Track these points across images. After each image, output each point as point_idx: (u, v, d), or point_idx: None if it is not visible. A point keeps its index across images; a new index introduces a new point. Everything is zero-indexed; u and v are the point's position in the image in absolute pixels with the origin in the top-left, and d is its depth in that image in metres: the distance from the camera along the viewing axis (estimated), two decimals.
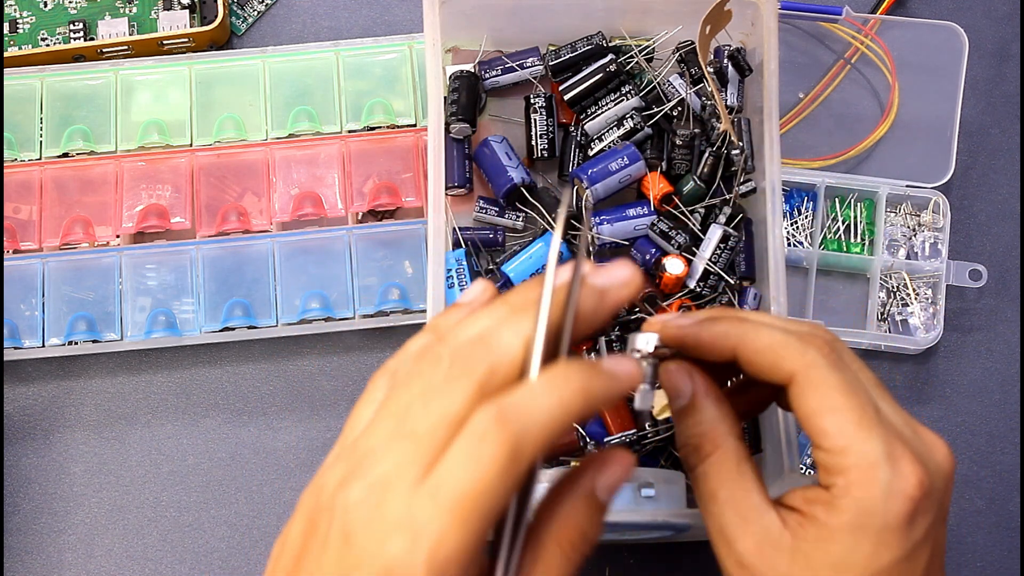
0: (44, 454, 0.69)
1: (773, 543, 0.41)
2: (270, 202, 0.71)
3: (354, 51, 0.73)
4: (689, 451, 0.43)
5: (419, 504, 0.36)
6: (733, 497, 0.42)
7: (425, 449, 0.37)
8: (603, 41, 0.66)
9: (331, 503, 0.38)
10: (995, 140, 0.76)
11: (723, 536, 0.42)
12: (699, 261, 0.63)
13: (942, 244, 0.72)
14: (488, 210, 0.65)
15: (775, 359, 0.42)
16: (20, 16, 0.75)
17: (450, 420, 0.37)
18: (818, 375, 0.41)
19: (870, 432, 0.40)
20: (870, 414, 0.41)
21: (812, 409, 0.41)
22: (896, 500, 0.40)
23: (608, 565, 0.67)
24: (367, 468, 0.37)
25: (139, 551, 0.68)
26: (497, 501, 0.36)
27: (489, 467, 0.36)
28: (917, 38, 0.75)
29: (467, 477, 0.36)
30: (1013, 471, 0.70)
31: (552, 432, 0.36)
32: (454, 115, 0.64)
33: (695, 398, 0.42)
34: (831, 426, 0.40)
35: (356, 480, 0.37)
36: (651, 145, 0.65)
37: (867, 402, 0.41)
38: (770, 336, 0.42)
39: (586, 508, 0.39)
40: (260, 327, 0.69)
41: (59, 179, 0.71)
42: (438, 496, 0.36)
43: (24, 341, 0.68)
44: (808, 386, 0.41)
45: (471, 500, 0.35)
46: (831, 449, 0.40)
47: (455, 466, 0.36)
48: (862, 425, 0.40)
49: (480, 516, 0.36)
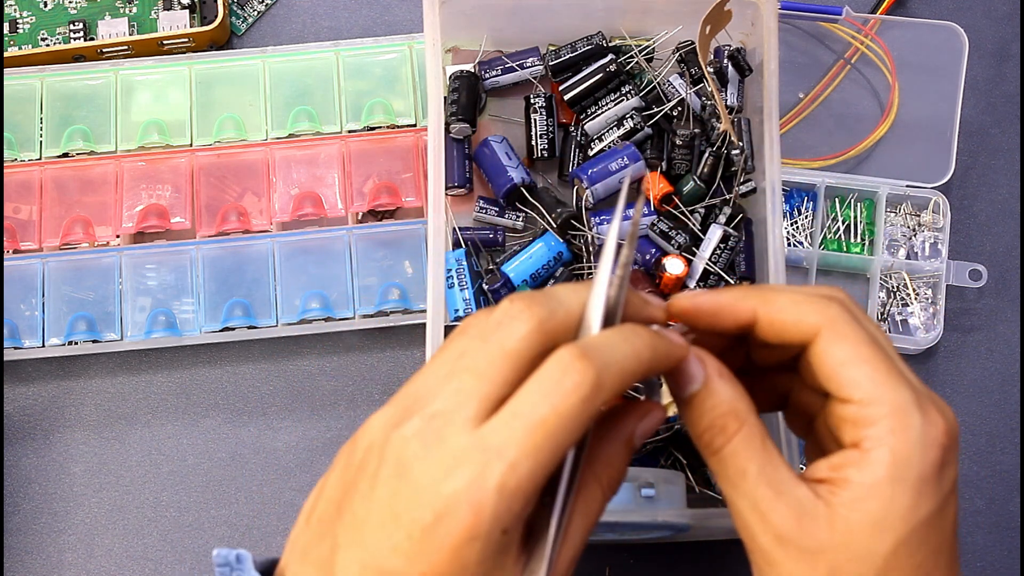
0: (44, 454, 0.69)
1: (809, 513, 0.40)
2: (270, 202, 0.71)
3: (354, 51, 0.73)
4: (713, 434, 0.41)
5: (491, 431, 0.36)
6: (764, 472, 0.40)
7: (486, 382, 0.37)
8: (603, 41, 0.66)
9: (382, 441, 0.37)
10: (995, 140, 0.76)
11: (757, 511, 0.40)
12: (699, 261, 0.63)
13: (942, 244, 0.72)
14: (488, 210, 0.65)
15: (798, 315, 0.41)
16: (20, 16, 0.75)
17: (509, 352, 0.37)
18: (844, 327, 0.41)
19: (899, 381, 0.40)
20: (897, 365, 0.41)
21: (840, 360, 0.40)
22: (930, 448, 0.39)
23: (608, 565, 0.67)
24: (422, 405, 0.38)
25: (139, 551, 0.68)
26: (572, 434, 0.36)
27: (572, 396, 0.36)
28: (917, 38, 0.75)
29: (548, 404, 0.36)
30: (1013, 471, 0.70)
31: (628, 376, 0.38)
32: (454, 115, 0.64)
33: (710, 381, 0.41)
34: (862, 376, 0.40)
35: (410, 417, 0.37)
36: (651, 145, 0.66)
37: (889, 356, 0.41)
38: (791, 295, 0.42)
39: (623, 450, 0.41)
40: (260, 327, 0.69)
41: (59, 179, 0.71)
42: (514, 422, 0.36)
43: (24, 341, 0.68)
44: (835, 338, 0.41)
45: (550, 427, 0.36)
46: (861, 400, 0.40)
47: (534, 394, 0.36)
48: (891, 374, 0.40)
49: (555, 446, 0.36)
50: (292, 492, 0.68)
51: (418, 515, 0.36)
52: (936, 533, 0.40)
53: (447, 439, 0.36)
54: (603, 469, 0.40)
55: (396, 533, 0.36)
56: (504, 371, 0.37)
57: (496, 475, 0.35)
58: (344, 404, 0.70)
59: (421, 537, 0.36)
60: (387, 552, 0.36)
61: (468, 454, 0.36)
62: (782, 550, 0.40)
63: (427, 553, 0.36)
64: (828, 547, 0.39)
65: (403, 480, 0.37)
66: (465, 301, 0.62)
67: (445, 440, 0.36)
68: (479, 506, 0.35)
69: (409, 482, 0.36)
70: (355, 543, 0.37)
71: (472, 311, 0.63)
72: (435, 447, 0.36)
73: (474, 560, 0.36)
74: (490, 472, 0.35)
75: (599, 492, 0.40)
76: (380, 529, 0.37)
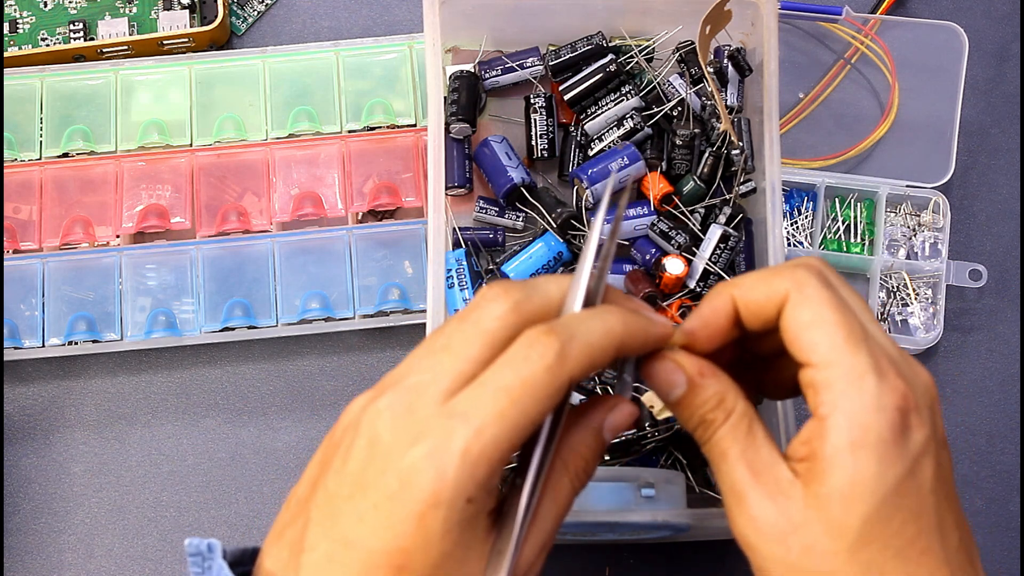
0: (44, 454, 0.69)
1: (785, 492, 0.40)
2: (270, 202, 0.71)
3: (354, 51, 0.73)
4: (702, 428, 0.42)
5: (459, 400, 0.37)
6: (744, 454, 0.41)
7: (460, 359, 0.38)
8: (603, 41, 0.66)
9: (357, 419, 0.39)
10: (995, 140, 0.76)
11: (734, 493, 0.41)
12: (699, 261, 0.63)
13: (942, 244, 0.72)
14: (488, 210, 0.65)
15: (767, 288, 0.42)
16: (20, 16, 0.75)
17: (483, 331, 0.38)
18: (810, 290, 0.41)
19: (858, 346, 0.40)
20: (858, 330, 0.40)
21: (803, 323, 0.40)
22: (887, 412, 0.39)
23: (608, 565, 0.67)
24: (397, 382, 0.39)
25: (139, 551, 0.68)
26: (538, 403, 0.37)
27: (536, 364, 0.37)
28: (917, 38, 0.75)
29: (513, 373, 0.37)
30: (1013, 471, 0.70)
31: (596, 350, 0.38)
32: (454, 115, 0.64)
33: (692, 381, 0.42)
34: (820, 339, 0.40)
35: (385, 393, 0.38)
36: (651, 145, 0.66)
37: (854, 319, 0.40)
38: (760, 271, 0.43)
39: (593, 442, 0.41)
40: (260, 327, 0.69)
41: (59, 179, 0.71)
42: (480, 390, 0.37)
43: (24, 341, 0.68)
44: (800, 300, 0.41)
45: (515, 394, 0.37)
46: (819, 363, 0.40)
47: (502, 367, 0.38)
48: (850, 339, 0.40)
49: (520, 413, 0.37)
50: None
51: (384, 483, 0.37)
52: (911, 497, 0.39)
53: (417, 410, 0.37)
54: (570, 456, 0.41)
55: (363, 503, 0.37)
56: (478, 349, 0.38)
57: (460, 440, 0.36)
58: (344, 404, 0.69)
59: (386, 505, 0.37)
60: (353, 522, 0.37)
61: (434, 420, 0.37)
62: (756, 535, 0.40)
63: (392, 523, 0.36)
64: (800, 524, 0.39)
65: (373, 451, 0.37)
66: (465, 301, 0.62)
67: (415, 411, 0.37)
68: (442, 471, 0.36)
69: (378, 452, 0.37)
70: (325, 517, 0.38)
71: None
72: (405, 417, 0.37)
73: (438, 530, 0.36)
74: (455, 437, 0.36)
75: (567, 480, 0.40)
76: (348, 501, 0.37)
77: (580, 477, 0.41)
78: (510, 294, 0.39)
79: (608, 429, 0.41)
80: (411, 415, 0.37)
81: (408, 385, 0.38)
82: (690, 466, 0.62)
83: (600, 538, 0.63)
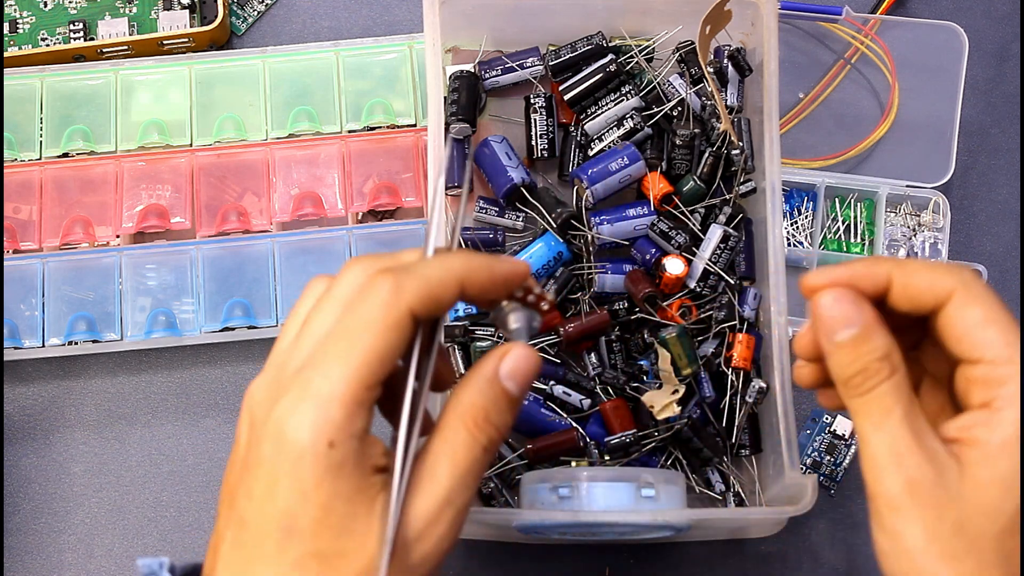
0: (44, 454, 0.69)
1: (943, 464, 0.40)
2: (270, 202, 0.71)
3: (354, 51, 0.73)
4: (866, 376, 0.42)
5: (315, 353, 0.39)
6: (908, 416, 0.41)
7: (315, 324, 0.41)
8: (603, 41, 0.66)
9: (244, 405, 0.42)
10: (995, 140, 0.76)
11: (894, 453, 0.41)
12: (699, 261, 0.63)
13: (942, 244, 0.72)
14: (488, 210, 0.65)
15: (932, 279, 0.42)
16: (20, 16, 0.75)
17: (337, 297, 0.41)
18: (978, 289, 0.41)
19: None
20: (1018, 328, 0.41)
21: (975, 320, 0.41)
22: None
23: (608, 565, 0.67)
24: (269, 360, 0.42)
25: (139, 551, 0.68)
26: (381, 339, 0.39)
27: (373, 302, 0.39)
28: (917, 38, 0.75)
29: (352, 315, 0.39)
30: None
31: (433, 283, 0.40)
32: (454, 115, 0.64)
33: (868, 326, 0.42)
34: (994, 336, 0.41)
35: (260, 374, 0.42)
36: (651, 145, 0.66)
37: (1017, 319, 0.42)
38: (922, 262, 0.43)
39: (489, 390, 0.42)
40: (260, 327, 0.69)
41: (59, 179, 0.71)
42: (328, 338, 0.39)
43: (24, 341, 0.68)
44: (969, 299, 0.41)
45: (356, 332, 0.39)
46: (993, 360, 0.41)
47: (344, 312, 0.40)
48: (1016, 334, 0.41)
49: (364, 350, 0.39)
50: None
51: (261, 453, 0.39)
52: None
53: (281, 376, 0.40)
54: (460, 405, 0.41)
55: (249, 479, 0.39)
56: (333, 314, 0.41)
57: (312, 387, 0.38)
58: None
59: (265, 472, 0.38)
60: (245, 502, 0.39)
61: (292, 378, 0.39)
62: (910, 497, 0.40)
63: (271, 487, 0.38)
64: (957, 499, 0.40)
65: (252, 428, 0.40)
66: None
67: (280, 378, 0.40)
68: (300, 420, 0.38)
69: (255, 427, 0.40)
70: (226, 506, 0.40)
71: (472, 311, 0.63)
72: (271, 386, 0.40)
73: (310, 480, 0.38)
74: (309, 386, 0.38)
75: (463, 431, 0.41)
76: (240, 483, 0.40)
77: (482, 428, 0.41)
78: (369, 263, 0.41)
79: (507, 377, 0.42)
80: (275, 384, 0.40)
81: (271, 362, 0.41)
82: (690, 466, 0.63)
83: (600, 538, 0.63)
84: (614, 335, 0.63)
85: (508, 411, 0.42)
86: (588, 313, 0.63)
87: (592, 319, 0.63)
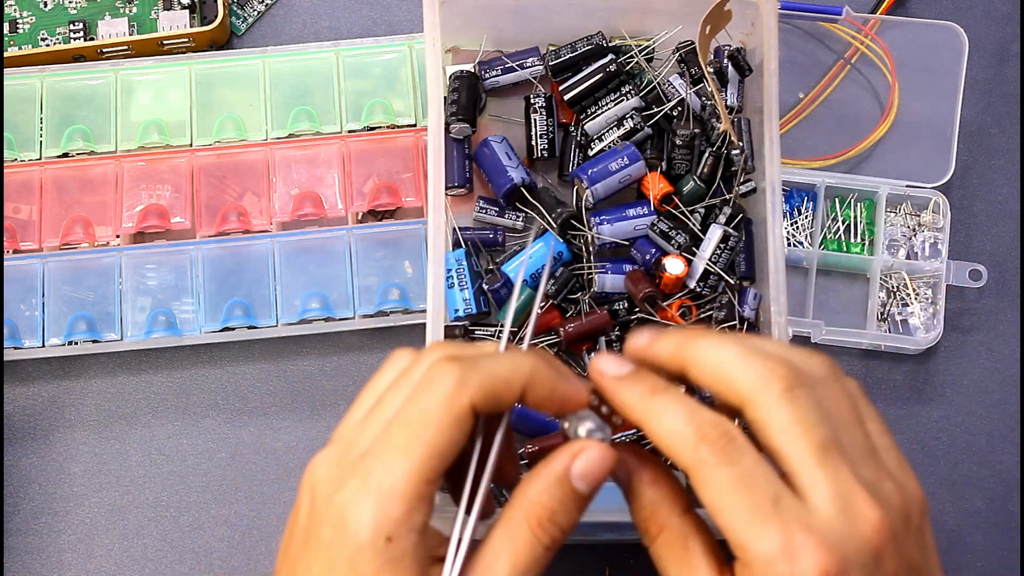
0: (44, 454, 0.69)
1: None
2: (270, 202, 0.71)
3: (354, 51, 0.73)
4: (640, 532, 0.42)
5: (378, 440, 0.39)
6: (679, 574, 0.40)
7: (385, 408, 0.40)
8: (603, 41, 0.66)
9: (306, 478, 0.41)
10: (995, 140, 0.76)
11: None
12: (699, 261, 0.63)
13: (942, 244, 0.72)
14: (488, 210, 0.65)
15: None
16: (20, 16, 0.75)
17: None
18: (707, 472, 0.38)
19: (764, 525, 0.37)
20: (767, 506, 0.37)
21: (707, 507, 0.39)
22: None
23: (608, 565, 0.67)
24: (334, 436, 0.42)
25: (139, 551, 0.68)
26: (444, 432, 0.38)
27: (436, 394, 0.38)
28: (917, 38, 0.75)
29: (415, 406, 0.39)
30: (1013, 471, 0.70)
31: (498, 382, 0.39)
32: (454, 115, 0.64)
33: (631, 485, 0.42)
34: (724, 523, 0.38)
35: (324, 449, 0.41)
36: (651, 145, 0.66)
37: (767, 489, 0.37)
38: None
39: (557, 490, 0.40)
40: (260, 327, 0.69)
41: (59, 179, 0.71)
42: (390, 426, 0.39)
43: (24, 341, 0.68)
44: (699, 484, 0.38)
45: (418, 425, 0.38)
46: (732, 544, 0.38)
47: (406, 401, 0.39)
48: (755, 519, 0.37)
49: (426, 444, 0.38)
50: (292, 492, 0.68)
51: (321, 534, 0.39)
52: None
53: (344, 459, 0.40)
54: (526, 504, 0.40)
55: (309, 558, 0.39)
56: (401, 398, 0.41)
57: (374, 479, 0.38)
58: (344, 404, 0.70)
59: (325, 555, 0.38)
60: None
61: (356, 464, 0.39)
62: None
63: (331, 572, 0.38)
64: None
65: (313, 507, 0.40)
66: (465, 301, 0.62)
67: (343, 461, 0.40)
68: (361, 511, 0.37)
69: (317, 506, 0.40)
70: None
71: (472, 311, 0.63)
72: (334, 468, 0.40)
73: (367, 572, 0.37)
74: (371, 477, 0.38)
75: (526, 530, 0.39)
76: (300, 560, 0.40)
77: (546, 528, 0.40)
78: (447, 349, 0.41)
79: (578, 477, 0.40)
80: (339, 465, 0.39)
81: (338, 436, 0.40)
82: None
83: (600, 538, 0.62)
84: (614, 335, 0.63)
85: (576, 512, 0.40)
86: (588, 313, 0.63)
87: (592, 319, 0.63)
